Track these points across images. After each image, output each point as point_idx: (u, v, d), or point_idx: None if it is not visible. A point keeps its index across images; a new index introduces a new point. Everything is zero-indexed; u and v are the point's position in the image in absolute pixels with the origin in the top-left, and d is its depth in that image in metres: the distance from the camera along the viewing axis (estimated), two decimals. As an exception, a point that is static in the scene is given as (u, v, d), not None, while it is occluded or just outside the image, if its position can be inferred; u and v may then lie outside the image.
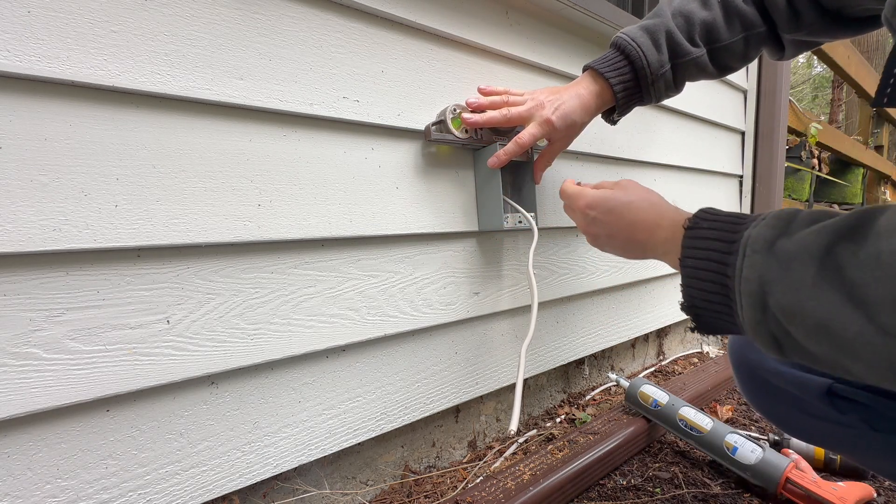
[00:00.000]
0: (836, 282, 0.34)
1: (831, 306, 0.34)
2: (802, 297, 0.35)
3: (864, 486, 0.75)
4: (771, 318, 0.38)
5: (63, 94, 0.45)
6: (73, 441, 0.47)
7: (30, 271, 0.44)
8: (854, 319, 0.33)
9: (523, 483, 0.71)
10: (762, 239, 0.39)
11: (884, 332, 0.32)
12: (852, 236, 0.34)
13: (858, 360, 0.34)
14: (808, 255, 0.35)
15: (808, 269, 0.35)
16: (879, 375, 0.34)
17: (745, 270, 0.39)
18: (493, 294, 0.84)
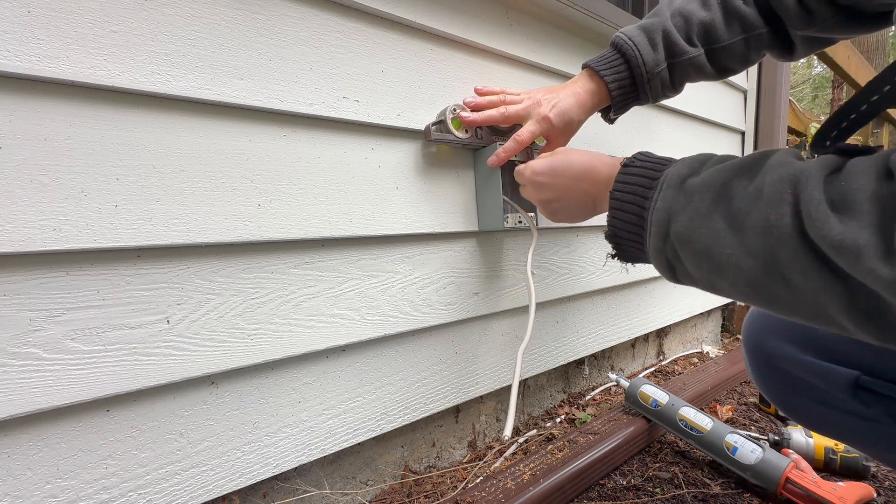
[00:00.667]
0: (725, 211, 0.39)
1: (716, 233, 0.39)
2: (696, 225, 0.40)
3: (864, 486, 0.75)
4: (668, 245, 0.43)
5: (63, 94, 0.45)
6: (73, 441, 0.47)
7: (30, 271, 0.44)
8: (729, 242, 0.38)
9: (523, 483, 0.71)
10: (677, 175, 0.44)
11: (747, 252, 0.37)
12: (746, 173, 0.39)
13: (726, 279, 0.40)
14: (708, 188, 0.40)
15: (706, 200, 0.40)
16: (739, 292, 0.40)
17: (658, 202, 0.44)
18: (492, 294, 0.84)
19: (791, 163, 0.36)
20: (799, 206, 0.34)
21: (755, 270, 0.37)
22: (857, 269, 0.32)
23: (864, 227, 0.31)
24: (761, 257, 0.36)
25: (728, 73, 0.75)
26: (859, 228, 0.31)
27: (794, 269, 0.35)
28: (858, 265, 0.31)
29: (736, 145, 1.60)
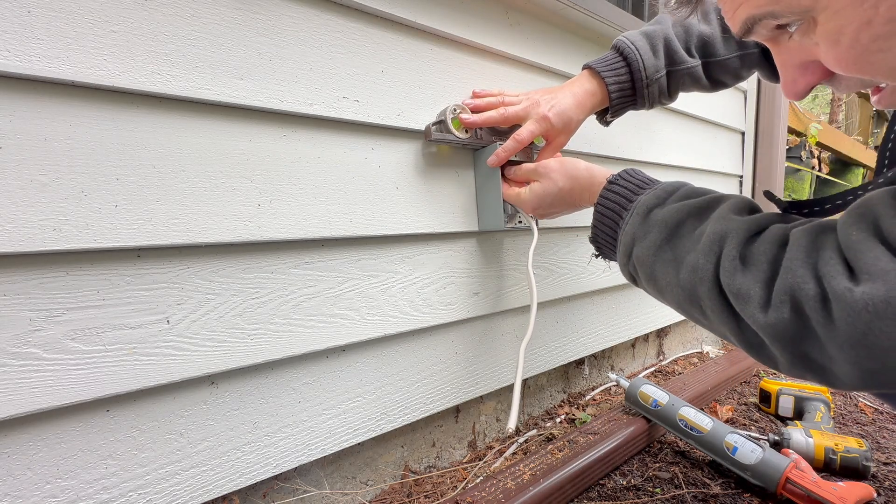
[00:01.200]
0: (673, 246, 0.48)
1: (664, 263, 0.48)
2: (649, 254, 0.50)
3: (864, 486, 0.75)
4: (631, 264, 0.53)
5: (63, 94, 0.45)
6: (73, 441, 0.47)
7: (30, 271, 0.44)
8: (670, 272, 0.48)
9: (523, 483, 0.71)
10: (644, 206, 0.52)
11: (679, 283, 0.47)
12: (698, 216, 0.48)
13: (666, 299, 0.51)
14: (665, 225, 0.49)
15: (661, 235, 0.49)
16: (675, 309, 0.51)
17: (627, 227, 0.53)
18: (493, 294, 0.84)
19: (729, 219, 0.45)
20: (720, 259, 0.43)
21: (683, 298, 0.47)
22: (745, 312, 0.41)
23: (757, 281, 0.40)
24: (687, 289, 0.46)
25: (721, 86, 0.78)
26: (753, 282, 0.40)
27: (707, 304, 0.44)
28: (746, 309, 0.40)
29: (736, 145, 1.60)
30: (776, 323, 0.38)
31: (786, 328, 0.38)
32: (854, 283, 0.34)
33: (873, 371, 0.35)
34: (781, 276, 0.38)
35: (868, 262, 0.34)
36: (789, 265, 0.38)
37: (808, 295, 0.36)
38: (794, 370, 0.41)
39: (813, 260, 0.37)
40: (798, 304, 0.37)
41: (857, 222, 0.36)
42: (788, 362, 0.40)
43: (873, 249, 0.34)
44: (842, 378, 0.38)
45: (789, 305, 0.37)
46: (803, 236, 0.39)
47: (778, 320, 0.38)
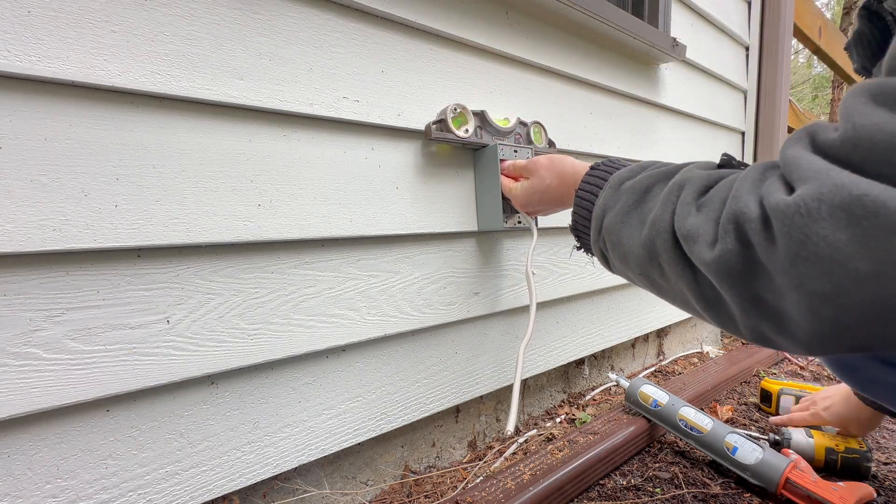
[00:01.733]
0: (641, 209, 0.45)
1: (630, 227, 0.45)
2: (618, 220, 0.47)
3: (864, 486, 0.75)
4: (601, 237, 0.50)
5: (63, 94, 0.45)
6: (73, 441, 0.47)
7: (30, 271, 0.44)
8: (636, 234, 0.44)
9: (523, 483, 0.71)
10: (618, 178, 0.50)
11: (641, 243, 0.43)
12: (666, 178, 0.45)
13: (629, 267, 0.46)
14: (634, 190, 0.46)
15: (630, 199, 0.46)
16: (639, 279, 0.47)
17: (599, 200, 0.51)
18: (493, 294, 0.84)
19: (691, 171, 0.42)
20: (675, 207, 0.40)
21: (643, 258, 0.43)
22: (695, 254, 0.37)
23: (708, 220, 0.37)
24: (647, 246, 0.42)
25: None
26: (705, 221, 0.37)
27: (663, 258, 0.41)
28: (696, 250, 0.37)
29: (736, 145, 1.60)
30: (721, 255, 0.35)
31: (731, 261, 0.34)
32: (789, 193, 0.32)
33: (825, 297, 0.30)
34: (727, 206, 0.35)
35: (802, 169, 0.31)
36: (735, 194, 0.35)
37: (749, 218, 0.33)
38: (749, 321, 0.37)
39: (758, 188, 0.35)
40: (742, 231, 0.34)
41: (793, 143, 0.34)
42: (742, 310, 0.36)
43: (806, 158, 0.32)
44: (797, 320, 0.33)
45: (734, 234, 0.34)
46: (753, 170, 0.37)
47: (723, 252, 0.34)
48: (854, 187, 0.28)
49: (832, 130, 0.32)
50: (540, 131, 0.85)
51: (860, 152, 0.29)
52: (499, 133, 0.77)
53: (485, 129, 0.76)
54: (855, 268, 0.28)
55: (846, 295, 0.29)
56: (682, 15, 1.27)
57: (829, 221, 0.29)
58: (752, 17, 1.59)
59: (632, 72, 1.12)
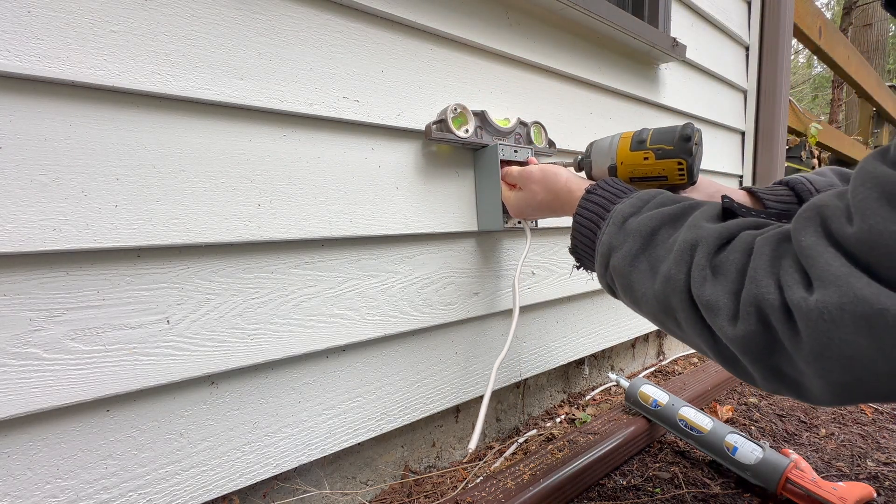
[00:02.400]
0: (648, 255, 0.47)
1: (640, 273, 0.47)
2: (626, 263, 0.48)
3: (864, 486, 0.75)
4: (608, 274, 0.52)
5: (63, 94, 0.45)
6: (73, 441, 0.47)
7: (30, 271, 0.44)
8: (647, 282, 0.46)
9: (523, 483, 0.71)
10: (621, 215, 0.51)
11: (654, 294, 0.45)
12: (672, 223, 0.47)
13: (641, 310, 0.49)
14: (640, 233, 0.48)
15: (637, 243, 0.48)
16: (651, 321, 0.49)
17: (603, 237, 0.52)
18: (492, 294, 0.84)
19: (701, 227, 0.44)
20: (691, 268, 0.42)
21: (658, 308, 0.45)
22: (714, 323, 0.39)
23: (725, 291, 0.39)
24: (661, 300, 0.44)
25: None
26: (723, 292, 0.39)
27: (681, 315, 0.43)
28: (715, 321, 0.39)
29: (736, 145, 1.60)
30: (744, 335, 0.37)
31: (754, 341, 0.36)
32: (809, 291, 0.33)
33: (845, 385, 0.33)
34: (747, 287, 0.37)
35: (820, 269, 0.33)
36: (753, 275, 0.37)
37: (772, 305, 0.35)
38: (768, 385, 0.39)
39: (776, 269, 0.36)
40: (764, 316, 0.36)
41: (805, 226, 0.36)
42: (762, 377, 0.39)
43: (824, 254, 0.33)
44: (815, 393, 0.36)
45: (755, 317, 0.36)
46: (766, 244, 0.38)
47: (746, 332, 0.36)
48: (876, 301, 0.30)
49: (846, 221, 0.33)
50: (540, 131, 0.85)
51: (876, 255, 0.31)
52: (499, 133, 0.77)
53: (485, 129, 0.76)
54: (875, 368, 0.31)
55: (865, 385, 0.33)
56: (682, 15, 1.27)
57: (852, 328, 0.31)
58: (752, 17, 1.59)
59: (632, 72, 1.11)
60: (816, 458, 0.90)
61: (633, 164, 0.62)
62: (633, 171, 0.62)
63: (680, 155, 0.58)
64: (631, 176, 0.63)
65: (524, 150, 0.78)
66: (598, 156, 0.66)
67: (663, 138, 0.58)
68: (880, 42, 6.48)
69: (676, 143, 0.57)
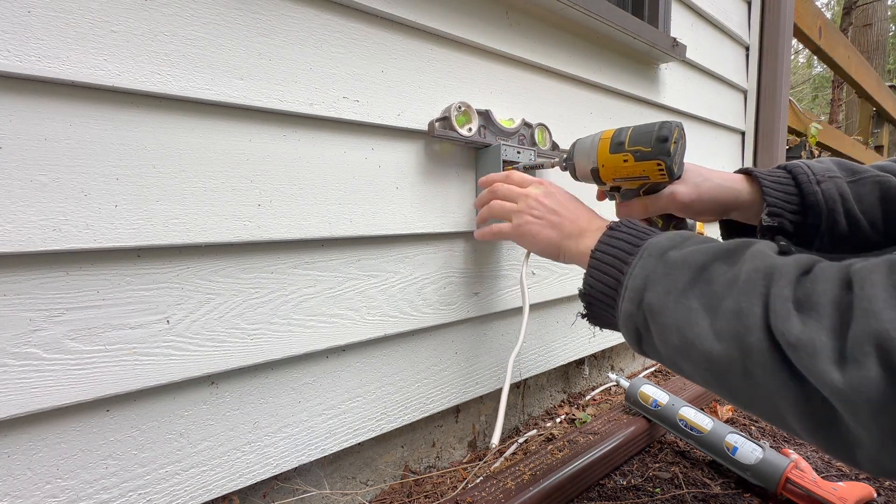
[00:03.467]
0: (701, 291, 0.39)
1: (689, 311, 0.39)
2: (671, 299, 0.40)
3: (864, 486, 0.75)
4: (640, 313, 0.43)
5: (63, 94, 0.45)
6: (73, 441, 0.47)
7: (30, 271, 0.44)
8: (700, 322, 0.38)
9: (523, 483, 0.71)
10: (658, 246, 0.44)
11: (716, 335, 0.36)
12: (727, 258, 0.40)
13: (689, 359, 0.39)
14: (688, 266, 0.41)
15: (684, 276, 0.40)
16: (699, 376, 0.40)
17: (637, 268, 0.44)
18: (493, 294, 0.84)
19: (768, 255, 0.37)
20: (769, 299, 0.34)
21: (719, 355, 0.36)
22: (811, 369, 0.31)
23: (822, 329, 0.31)
24: (728, 342, 0.36)
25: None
26: (818, 330, 0.31)
27: (758, 361, 0.34)
28: (813, 366, 0.31)
29: (736, 145, 1.60)
30: (860, 384, 0.29)
31: (874, 391, 0.29)
32: None
33: None
34: (858, 322, 0.30)
35: None
36: (868, 307, 0.30)
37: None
38: (884, 455, 0.31)
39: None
40: (888, 357, 0.29)
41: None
42: (878, 443, 0.30)
43: None
44: None
45: (876, 359, 0.29)
46: (878, 271, 0.31)
47: (863, 380, 0.29)
48: None
49: None
50: (544, 133, 0.85)
51: None
52: (503, 133, 0.77)
53: (488, 128, 0.76)
54: None
55: None
56: (682, 15, 1.27)
57: None
58: (752, 17, 1.59)
59: (632, 72, 1.11)
60: (816, 458, 0.90)
61: (615, 167, 0.61)
62: (616, 173, 0.61)
63: (658, 157, 0.56)
64: (614, 177, 0.62)
65: (527, 152, 0.78)
66: (581, 157, 0.65)
67: (641, 139, 0.57)
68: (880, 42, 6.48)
69: (654, 144, 0.56)
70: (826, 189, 0.58)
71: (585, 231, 0.56)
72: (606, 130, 0.62)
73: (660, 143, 0.56)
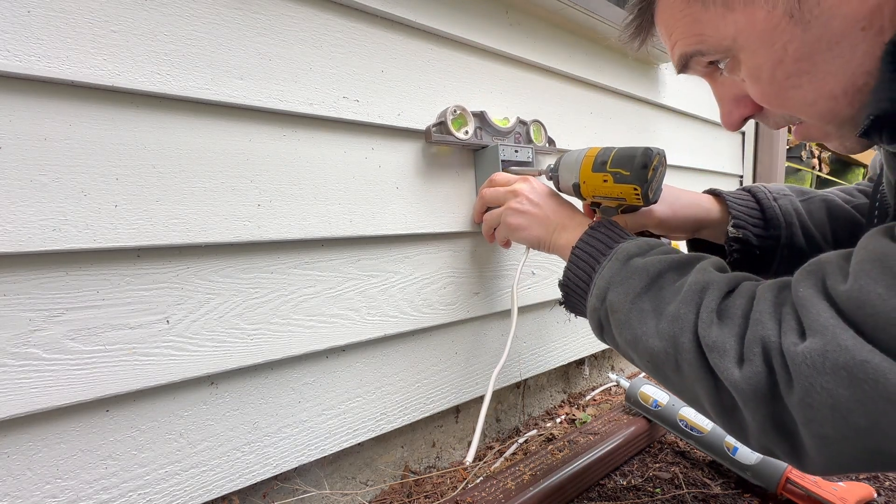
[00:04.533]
0: (653, 296, 0.46)
1: (641, 312, 0.46)
2: (627, 300, 0.47)
3: (864, 486, 0.75)
4: (602, 308, 0.50)
5: (63, 94, 0.45)
6: (73, 441, 0.47)
7: (30, 271, 0.44)
8: (648, 322, 0.45)
9: (523, 483, 0.71)
10: (625, 252, 0.51)
11: (657, 333, 0.44)
12: (679, 269, 0.47)
13: (636, 351, 0.47)
14: (646, 272, 0.47)
15: (641, 282, 0.47)
16: (643, 366, 0.48)
17: (604, 270, 0.51)
18: (493, 294, 0.84)
19: (709, 272, 0.45)
20: (699, 310, 0.42)
21: (658, 350, 0.44)
22: (719, 366, 0.39)
23: (731, 334, 0.39)
24: (665, 340, 0.43)
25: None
26: (729, 335, 0.39)
27: (685, 357, 0.41)
28: (721, 363, 0.38)
29: (736, 145, 1.60)
30: (751, 377, 0.36)
31: (760, 383, 0.36)
32: (801, 339, 0.35)
33: (828, 441, 0.34)
34: (751, 328, 0.38)
35: (811, 318, 0.34)
36: (758, 317, 0.38)
37: (775, 347, 0.36)
38: (762, 438, 0.38)
39: (777, 313, 0.38)
40: (768, 357, 0.36)
41: (805, 279, 0.37)
42: (760, 429, 0.38)
43: (816, 306, 0.35)
44: (807, 452, 0.36)
45: (761, 358, 0.37)
46: (769, 290, 0.40)
47: (752, 374, 0.36)
48: (858, 352, 0.31)
49: (841, 279, 0.35)
50: (539, 129, 0.85)
51: (861, 315, 0.32)
52: (498, 133, 0.77)
53: (484, 129, 0.76)
54: (855, 422, 0.32)
55: (850, 443, 0.33)
56: (683, 15, 1.27)
57: (832, 377, 0.32)
58: (753, 17, 1.59)
59: (632, 71, 1.11)
60: (817, 459, 0.89)
61: (594, 185, 0.62)
62: (595, 191, 0.62)
63: (635, 182, 0.58)
64: (594, 195, 0.63)
65: (525, 150, 0.78)
66: (565, 171, 0.66)
67: (622, 163, 0.59)
68: (880, 42, 6.47)
69: (634, 169, 0.58)
70: (783, 205, 0.67)
71: (567, 226, 0.61)
72: (592, 148, 0.64)
73: (640, 170, 0.58)
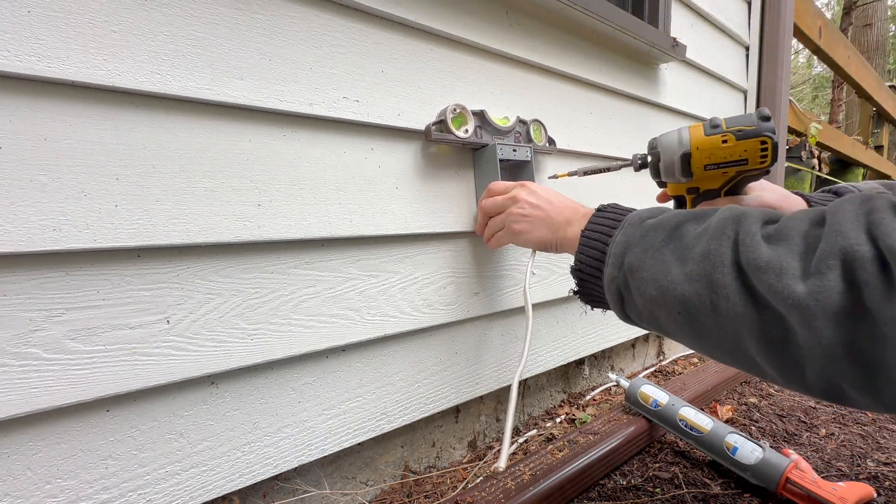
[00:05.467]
0: (674, 245, 0.43)
1: (663, 264, 0.42)
2: (648, 255, 0.44)
3: (864, 486, 0.75)
4: (621, 274, 0.47)
5: (63, 94, 0.45)
6: (73, 441, 0.47)
7: (30, 271, 0.44)
8: (672, 270, 0.41)
9: (523, 483, 0.71)
10: (637, 216, 0.49)
11: (687, 277, 0.40)
12: (697, 218, 0.44)
13: (664, 306, 0.43)
14: (663, 227, 0.45)
15: (660, 236, 0.44)
16: (674, 321, 0.42)
17: (618, 237, 0.49)
18: (493, 294, 0.84)
19: (736, 209, 0.41)
20: (737, 238, 0.38)
21: (689, 295, 0.40)
22: (775, 287, 0.34)
23: (790, 252, 0.34)
24: (696, 281, 0.39)
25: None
26: (786, 253, 0.34)
27: (721, 293, 0.37)
28: (778, 282, 0.34)
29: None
30: (821, 291, 0.30)
31: (831, 299, 0.30)
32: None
33: None
34: (827, 241, 0.32)
35: None
36: (838, 228, 0.32)
37: (862, 256, 0.30)
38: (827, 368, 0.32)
39: (863, 223, 0.32)
40: (850, 269, 0.30)
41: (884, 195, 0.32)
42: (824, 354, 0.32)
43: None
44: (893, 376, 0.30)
45: (839, 270, 0.31)
46: (848, 204, 0.34)
47: (823, 289, 0.30)
48: None
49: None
50: (539, 129, 0.85)
51: None
52: (498, 132, 0.77)
53: (484, 128, 0.76)
54: None
55: None
56: (682, 15, 1.27)
57: None
58: (753, 17, 1.59)
59: (632, 72, 1.11)
60: (816, 458, 0.90)
61: (710, 149, 0.58)
62: (711, 155, 0.58)
63: (763, 133, 0.53)
64: (706, 163, 0.59)
65: (524, 149, 0.78)
66: (668, 145, 0.62)
67: (741, 121, 0.56)
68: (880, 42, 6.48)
69: (757, 122, 0.54)
70: None
71: (572, 220, 0.60)
72: (691, 124, 0.61)
73: (763, 121, 0.54)
